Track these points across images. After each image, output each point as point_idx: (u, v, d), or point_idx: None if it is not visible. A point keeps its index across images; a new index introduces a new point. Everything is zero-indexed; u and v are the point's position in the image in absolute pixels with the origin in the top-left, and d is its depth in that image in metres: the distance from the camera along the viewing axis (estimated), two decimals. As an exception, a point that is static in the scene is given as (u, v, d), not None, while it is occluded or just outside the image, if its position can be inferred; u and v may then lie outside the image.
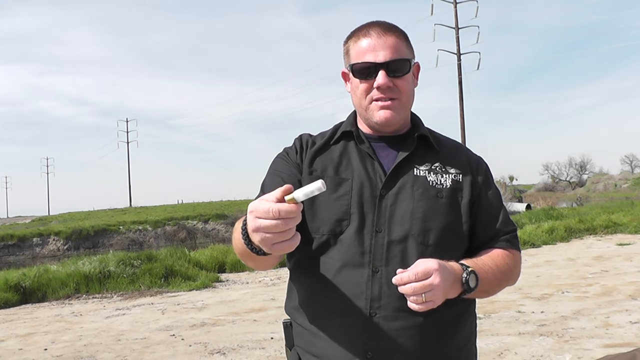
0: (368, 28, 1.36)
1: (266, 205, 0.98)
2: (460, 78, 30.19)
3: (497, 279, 1.35)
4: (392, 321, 1.27)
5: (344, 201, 1.33)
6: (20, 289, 8.56)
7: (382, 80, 1.32)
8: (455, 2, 30.91)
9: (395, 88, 1.34)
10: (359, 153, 1.39)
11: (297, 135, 1.50)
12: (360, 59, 1.34)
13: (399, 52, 1.34)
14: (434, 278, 1.16)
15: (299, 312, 1.38)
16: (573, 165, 69.46)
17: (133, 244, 29.53)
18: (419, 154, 1.39)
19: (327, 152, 1.42)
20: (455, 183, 1.37)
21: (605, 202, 28.56)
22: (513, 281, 1.43)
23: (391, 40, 1.34)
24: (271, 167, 1.45)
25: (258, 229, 1.00)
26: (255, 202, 1.01)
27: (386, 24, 1.37)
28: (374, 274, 1.28)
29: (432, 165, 1.38)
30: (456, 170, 1.39)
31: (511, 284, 1.43)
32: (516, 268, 1.42)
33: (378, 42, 1.33)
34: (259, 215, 0.99)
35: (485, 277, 1.30)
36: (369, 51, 1.33)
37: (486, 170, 1.46)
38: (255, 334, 5.68)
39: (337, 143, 1.43)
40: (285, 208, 0.97)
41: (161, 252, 10.96)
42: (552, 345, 4.67)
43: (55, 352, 5.37)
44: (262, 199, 1.00)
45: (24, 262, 21.19)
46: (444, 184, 1.36)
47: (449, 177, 1.37)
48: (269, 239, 1.00)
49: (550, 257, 10.61)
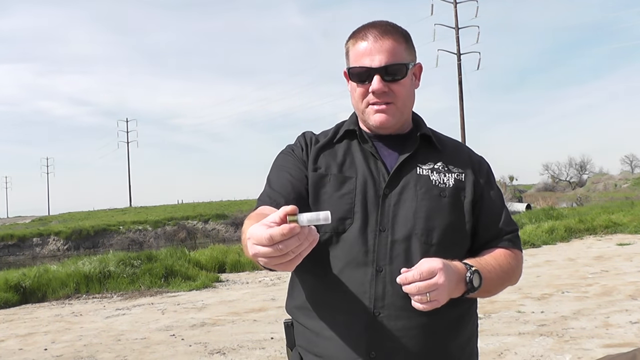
0: (366, 30, 1.36)
1: (261, 232, 0.94)
2: (460, 78, 30.20)
3: (500, 279, 1.35)
4: (395, 320, 1.27)
5: (347, 199, 1.33)
6: (20, 289, 8.56)
7: (376, 86, 1.32)
8: (455, 2, 30.92)
9: (390, 92, 1.34)
10: (363, 152, 1.40)
11: (300, 133, 1.50)
12: (357, 63, 1.35)
13: (396, 57, 1.33)
14: (438, 277, 1.15)
15: (301, 311, 1.38)
16: (573, 165, 69.50)
17: (133, 244, 29.53)
18: (421, 154, 1.39)
19: (330, 149, 1.42)
20: (458, 182, 1.38)
21: (605, 202, 28.57)
22: (515, 281, 1.43)
23: (388, 44, 1.33)
24: (276, 163, 1.45)
25: (256, 255, 0.98)
26: (253, 228, 0.97)
27: (385, 26, 1.36)
28: (378, 273, 1.29)
29: (435, 164, 1.39)
30: (459, 170, 1.39)
31: (513, 284, 1.44)
32: (518, 268, 1.42)
33: (375, 46, 1.33)
34: (255, 242, 0.96)
35: (489, 276, 1.30)
36: (365, 55, 1.33)
37: (488, 170, 1.46)
38: (255, 334, 5.68)
39: (341, 142, 1.43)
40: (277, 233, 0.91)
41: (161, 252, 10.95)
42: (552, 345, 4.67)
43: (55, 352, 5.37)
44: (261, 224, 0.96)
45: (24, 262, 21.18)
46: (446, 183, 1.36)
47: (452, 176, 1.38)
48: (269, 262, 0.98)
49: (550, 257, 10.61)
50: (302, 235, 0.93)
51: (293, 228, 0.91)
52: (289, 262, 0.96)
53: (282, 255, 0.94)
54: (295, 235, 0.92)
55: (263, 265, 1.04)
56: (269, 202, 1.32)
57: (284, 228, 0.91)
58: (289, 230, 0.91)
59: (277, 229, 0.91)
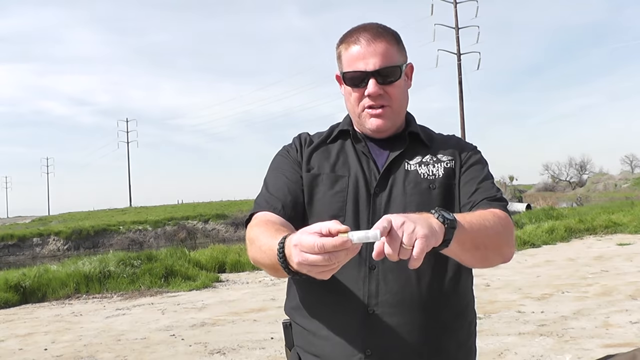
0: (358, 34, 1.35)
1: (311, 240, 0.94)
2: (460, 78, 30.19)
3: (485, 229, 1.19)
4: (390, 317, 1.27)
5: (339, 197, 1.34)
6: (20, 289, 8.56)
7: (372, 89, 1.32)
8: (455, 2, 30.91)
9: (386, 95, 1.34)
10: (356, 151, 1.41)
11: (296, 134, 1.51)
12: (351, 67, 1.34)
13: (389, 59, 1.33)
14: (406, 225, 0.99)
15: (297, 311, 1.39)
16: (573, 165, 69.58)
17: (133, 244, 29.52)
18: (410, 150, 1.40)
19: (324, 150, 1.43)
20: (449, 170, 1.38)
21: (605, 202, 28.56)
22: (504, 241, 1.27)
23: (381, 47, 1.33)
24: (273, 165, 1.46)
25: (302, 262, 0.96)
26: (299, 236, 0.97)
27: (376, 29, 1.36)
28: (371, 271, 1.29)
29: (423, 157, 1.39)
30: (448, 158, 1.40)
31: (504, 249, 1.28)
32: (505, 228, 1.26)
33: (368, 50, 1.32)
34: (304, 250, 0.95)
35: (465, 221, 1.14)
36: (359, 59, 1.33)
37: (474, 149, 1.45)
38: (255, 334, 5.68)
39: (335, 142, 1.45)
40: (330, 243, 0.92)
41: (161, 252, 10.95)
42: (552, 345, 4.66)
43: (55, 352, 5.37)
44: (306, 232, 0.96)
45: (24, 262, 21.14)
46: (436, 174, 1.36)
47: (442, 165, 1.38)
48: (312, 270, 0.97)
49: (550, 257, 10.61)
50: (351, 251, 0.95)
51: (346, 242, 0.93)
52: (329, 271, 0.98)
53: (328, 264, 0.95)
54: (346, 249, 0.94)
55: (296, 273, 1.03)
56: (267, 207, 1.33)
57: (338, 240, 0.92)
58: (342, 243, 0.93)
59: (330, 240, 0.93)
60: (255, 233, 1.23)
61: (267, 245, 1.14)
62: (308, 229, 0.97)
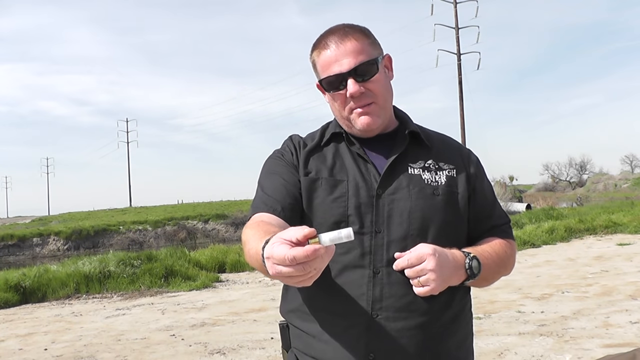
0: (326, 39, 1.34)
1: (282, 252, 0.91)
2: (460, 78, 30.18)
3: (497, 266, 1.37)
4: (394, 322, 1.27)
5: (341, 203, 1.32)
6: (20, 289, 8.56)
7: (353, 89, 1.31)
8: (455, 2, 30.89)
9: (368, 92, 1.33)
10: (351, 154, 1.39)
11: (287, 137, 1.48)
12: (327, 72, 1.33)
13: (362, 55, 1.31)
14: (427, 263, 1.20)
15: (296, 314, 1.37)
16: (573, 165, 69.47)
17: (133, 244, 29.53)
18: (411, 152, 1.39)
19: (319, 153, 1.41)
20: (450, 179, 1.37)
21: (605, 202, 28.53)
22: (510, 269, 1.45)
23: (351, 45, 1.31)
24: (266, 168, 1.43)
25: (277, 275, 0.94)
26: (271, 247, 0.94)
27: (343, 29, 1.35)
28: (375, 275, 1.28)
29: (426, 162, 1.38)
30: (449, 166, 1.39)
31: (508, 273, 1.46)
32: (512, 256, 1.44)
33: (339, 51, 1.31)
34: (276, 262, 0.93)
35: (487, 263, 1.32)
36: (332, 62, 1.32)
37: (477, 162, 1.46)
38: (255, 334, 5.68)
39: (328, 145, 1.42)
40: (301, 254, 0.89)
41: (161, 252, 10.95)
42: (552, 345, 4.66)
43: (55, 352, 5.37)
44: (281, 242, 0.93)
45: (24, 262, 21.16)
46: (438, 181, 1.36)
47: (443, 173, 1.37)
48: (289, 280, 0.96)
49: (550, 257, 10.61)
50: (326, 255, 0.93)
51: (317, 250, 0.90)
52: (309, 279, 0.96)
53: (303, 274, 0.93)
54: (319, 256, 0.91)
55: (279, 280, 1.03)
56: (265, 209, 1.30)
57: (308, 250, 0.89)
58: (313, 252, 0.89)
59: (301, 251, 0.89)
60: (247, 236, 1.21)
61: (254, 249, 1.12)
62: (282, 235, 0.94)
